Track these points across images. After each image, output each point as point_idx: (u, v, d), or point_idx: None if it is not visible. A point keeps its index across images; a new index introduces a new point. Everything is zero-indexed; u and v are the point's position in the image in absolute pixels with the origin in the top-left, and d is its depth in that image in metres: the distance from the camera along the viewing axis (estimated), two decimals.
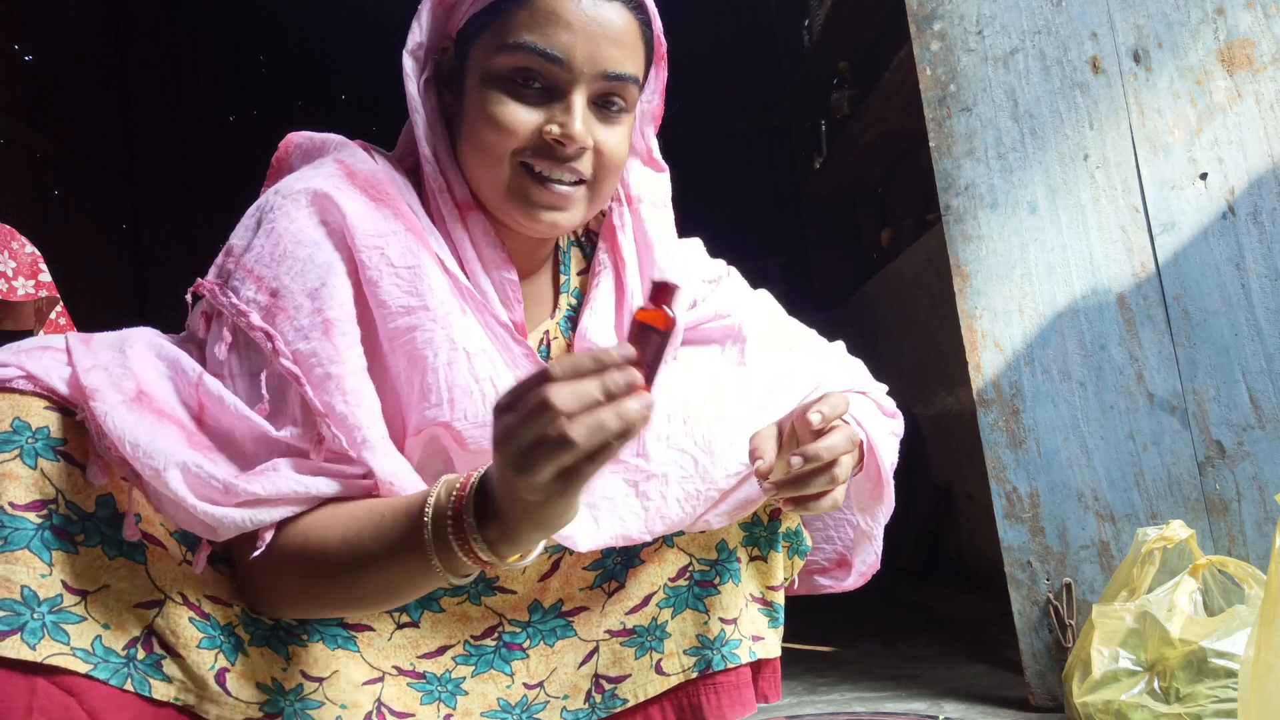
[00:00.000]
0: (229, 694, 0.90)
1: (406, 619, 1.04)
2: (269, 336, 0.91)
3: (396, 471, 0.92)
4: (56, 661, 0.82)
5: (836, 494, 0.97)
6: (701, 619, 1.11)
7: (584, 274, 1.17)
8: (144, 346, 0.91)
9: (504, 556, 0.81)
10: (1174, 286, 1.69)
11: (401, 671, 1.03)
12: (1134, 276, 1.70)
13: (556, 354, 1.12)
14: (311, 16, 5.27)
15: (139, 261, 5.22)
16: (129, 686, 0.86)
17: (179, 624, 0.89)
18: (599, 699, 1.09)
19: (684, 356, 1.15)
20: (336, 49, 5.36)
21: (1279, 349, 1.65)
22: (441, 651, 1.05)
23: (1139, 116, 1.72)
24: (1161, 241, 1.70)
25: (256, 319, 0.91)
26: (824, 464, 0.94)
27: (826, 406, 0.95)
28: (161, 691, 0.88)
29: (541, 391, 0.71)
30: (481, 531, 0.79)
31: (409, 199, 1.01)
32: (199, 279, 0.96)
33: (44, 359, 0.87)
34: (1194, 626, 1.39)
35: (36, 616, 0.82)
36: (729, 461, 1.05)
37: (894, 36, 3.05)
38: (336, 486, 0.90)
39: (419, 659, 1.04)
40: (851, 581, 1.23)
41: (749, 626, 1.12)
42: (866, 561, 1.21)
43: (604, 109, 1.01)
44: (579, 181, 1.01)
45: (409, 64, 1.04)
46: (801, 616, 1.22)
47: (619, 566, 1.10)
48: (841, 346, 1.24)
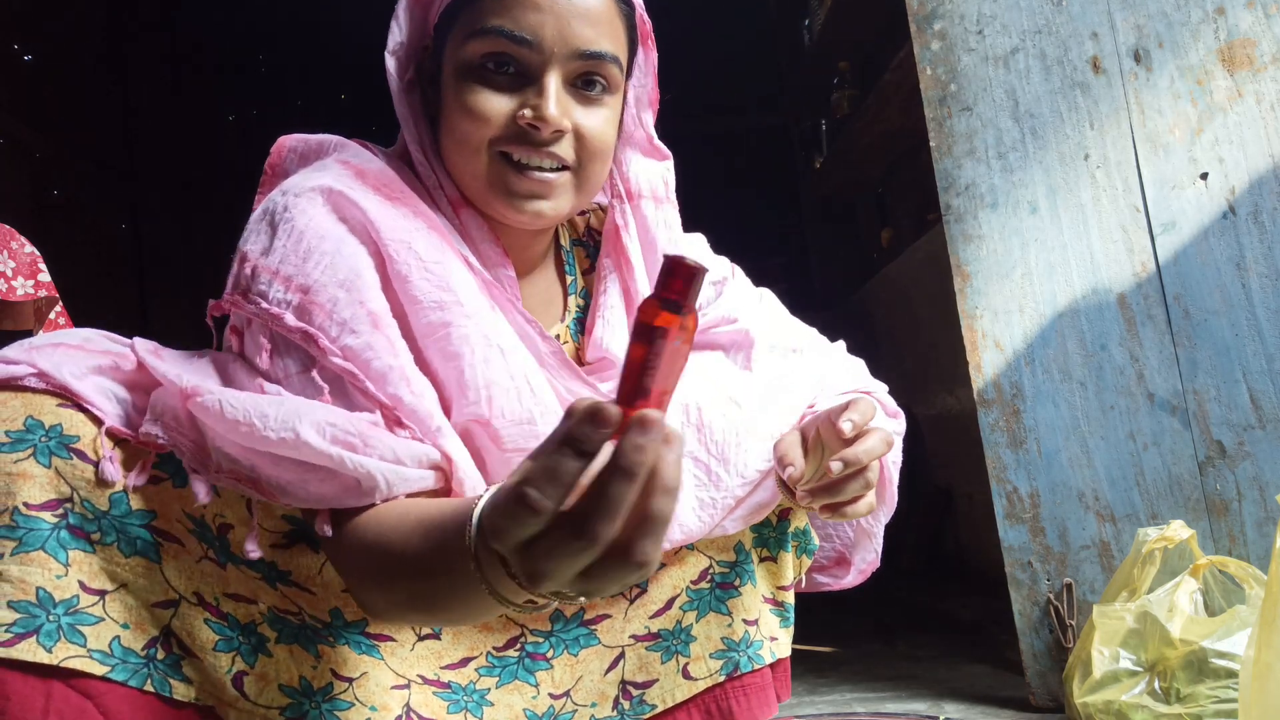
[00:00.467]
0: (246, 697, 0.89)
1: (427, 630, 1.02)
2: (309, 337, 0.87)
3: (468, 461, 0.91)
4: (73, 665, 0.81)
5: (871, 498, 0.94)
6: (725, 621, 1.10)
7: (589, 274, 1.16)
8: (205, 360, 0.90)
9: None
10: (1174, 286, 1.68)
11: (426, 681, 1.01)
12: (1134, 276, 1.69)
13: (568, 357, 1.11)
14: (312, 16, 5.27)
15: (139, 261, 5.21)
16: (149, 687, 0.85)
17: (194, 626, 0.88)
18: (627, 705, 1.08)
19: (692, 360, 1.13)
20: (336, 49, 5.35)
21: (1279, 349, 1.65)
22: (464, 663, 1.03)
23: (1139, 116, 1.71)
24: (1162, 241, 1.69)
25: (291, 320, 0.87)
26: (860, 468, 0.91)
27: (857, 414, 0.92)
28: (182, 692, 0.87)
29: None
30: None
31: (421, 196, 1.00)
32: (211, 300, 0.92)
33: (55, 355, 0.86)
34: (1194, 627, 1.39)
35: (52, 619, 0.81)
36: (743, 468, 1.03)
37: (894, 36, 3.04)
38: (437, 456, 0.88)
39: (442, 669, 1.02)
40: (850, 579, 1.22)
41: (767, 627, 1.12)
42: (866, 560, 1.21)
43: (584, 90, 0.97)
44: (562, 168, 0.98)
45: (391, 64, 1.02)
46: (801, 616, 1.21)
47: None
48: (842, 346, 1.24)
